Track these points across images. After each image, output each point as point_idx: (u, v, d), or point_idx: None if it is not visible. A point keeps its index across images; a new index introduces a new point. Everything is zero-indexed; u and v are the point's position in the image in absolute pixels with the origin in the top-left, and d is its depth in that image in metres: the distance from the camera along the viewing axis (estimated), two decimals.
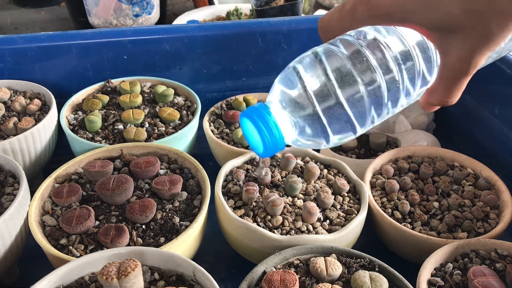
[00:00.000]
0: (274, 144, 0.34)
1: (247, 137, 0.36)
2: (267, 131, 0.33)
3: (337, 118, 0.33)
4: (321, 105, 0.32)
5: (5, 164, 0.49)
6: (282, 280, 0.36)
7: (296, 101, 0.33)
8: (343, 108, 0.32)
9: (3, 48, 0.64)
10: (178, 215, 0.45)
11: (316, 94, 0.32)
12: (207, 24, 0.71)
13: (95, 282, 0.36)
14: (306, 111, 0.33)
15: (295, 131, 0.34)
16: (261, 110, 0.34)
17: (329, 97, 0.32)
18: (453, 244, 0.44)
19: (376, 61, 0.32)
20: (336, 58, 0.32)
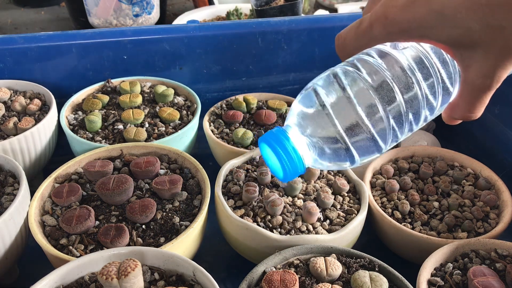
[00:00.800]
0: (294, 169, 0.34)
1: (266, 162, 0.36)
2: (286, 157, 0.33)
3: (361, 138, 0.32)
4: (343, 126, 0.32)
5: (5, 164, 0.49)
6: (282, 280, 0.36)
7: (317, 124, 0.32)
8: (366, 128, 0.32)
9: (3, 48, 0.64)
10: (178, 215, 0.45)
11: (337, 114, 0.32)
12: (207, 24, 0.71)
13: (95, 282, 0.36)
14: (329, 133, 0.32)
15: (315, 154, 0.33)
16: (279, 136, 0.34)
17: (350, 117, 0.32)
18: (453, 244, 0.44)
19: (395, 79, 0.32)
20: (354, 79, 0.32)
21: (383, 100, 0.32)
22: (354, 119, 0.32)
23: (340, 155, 0.33)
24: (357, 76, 0.32)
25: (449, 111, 0.34)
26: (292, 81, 0.77)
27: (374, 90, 0.32)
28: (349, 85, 0.32)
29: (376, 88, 0.32)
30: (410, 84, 0.32)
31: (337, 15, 0.75)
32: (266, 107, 0.65)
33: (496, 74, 0.30)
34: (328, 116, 0.32)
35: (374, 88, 0.32)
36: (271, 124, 0.62)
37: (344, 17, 0.73)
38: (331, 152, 0.33)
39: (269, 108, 0.65)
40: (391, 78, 0.32)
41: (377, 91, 0.32)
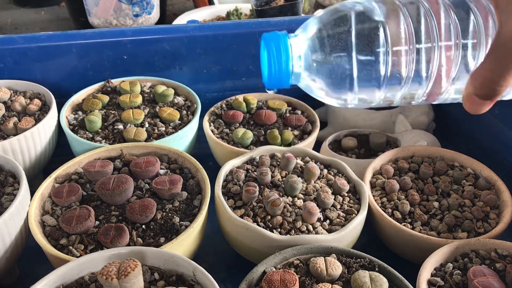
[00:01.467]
0: (279, 71, 0.33)
1: (261, 62, 0.35)
2: (276, 56, 0.32)
3: (368, 69, 0.30)
4: (359, 51, 0.30)
5: (5, 164, 0.49)
6: (282, 280, 0.36)
7: (333, 39, 0.31)
8: (380, 59, 0.30)
9: (3, 48, 0.64)
10: (178, 215, 0.45)
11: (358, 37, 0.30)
12: (207, 24, 0.71)
13: (95, 282, 0.36)
14: (341, 52, 0.31)
15: (311, 72, 0.32)
16: (279, 36, 0.33)
17: (373, 46, 0.30)
18: (453, 244, 0.44)
19: (425, 24, 0.30)
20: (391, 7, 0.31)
21: (409, 37, 0.30)
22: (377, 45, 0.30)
23: (340, 79, 0.32)
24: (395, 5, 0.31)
25: (471, 82, 0.29)
26: None
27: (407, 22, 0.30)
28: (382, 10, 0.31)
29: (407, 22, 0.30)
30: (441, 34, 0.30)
31: None
32: (266, 107, 0.65)
33: None
34: (350, 34, 0.31)
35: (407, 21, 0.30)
36: (271, 124, 0.62)
37: None
38: (332, 72, 0.32)
39: (269, 108, 0.65)
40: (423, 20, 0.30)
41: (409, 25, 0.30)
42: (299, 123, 0.62)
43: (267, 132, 0.60)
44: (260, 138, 0.60)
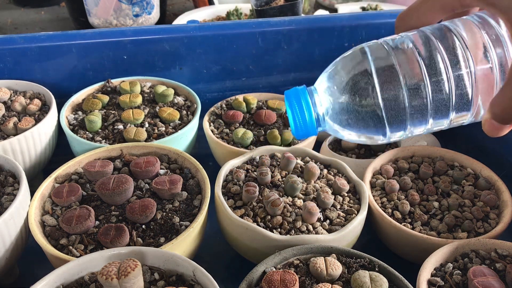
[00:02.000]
0: (305, 127, 0.35)
1: (288, 115, 0.37)
2: (299, 113, 0.34)
3: (396, 113, 0.32)
4: (384, 96, 0.31)
5: (5, 164, 0.49)
6: (282, 280, 0.36)
7: (357, 88, 0.32)
8: (405, 102, 0.31)
9: (3, 48, 0.64)
10: (178, 215, 0.45)
11: (381, 84, 0.31)
12: (207, 24, 0.71)
13: (95, 282, 0.36)
14: (367, 100, 0.32)
15: (338, 120, 0.34)
16: (299, 92, 0.35)
17: (394, 90, 0.31)
18: (453, 244, 0.44)
19: (444, 62, 0.31)
20: (403, 49, 0.31)
21: (429, 78, 0.31)
22: (398, 90, 0.31)
23: (371, 124, 0.33)
24: (406, 48, 0.32)
25: (490, 108, 0.30)
26: (292, 81, 0.77)
27: (424, 65, 0.31)
28: (396, 54, 0.32)
29: (428, 65, 0.31)
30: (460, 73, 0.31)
31: (337, 15, 0.75)
32: (266, 107, 0.65)
33: None
34: (370, 82, 0.32)
35: (424, 64, 0.31)
36: (271, 124, 0.62)
37: (344, 17, 0.73)
38: (361, 120, 0.33)
39: (269, 108, 0.65)
40: (440, 58, 0.31)
41: (428, 68, 0.31)
42: None
43: (267, 132, 0.60)
44: (260, 138, 0.60)
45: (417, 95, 0.31)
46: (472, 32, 0.31)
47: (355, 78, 0.33)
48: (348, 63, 0.34)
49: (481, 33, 0.31)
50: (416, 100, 0.31)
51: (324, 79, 0.35)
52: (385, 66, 0.32)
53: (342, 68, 0.34)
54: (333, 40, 0.74)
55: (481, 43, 0.31)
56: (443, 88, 0.31)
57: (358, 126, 0.34)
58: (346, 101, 0.33)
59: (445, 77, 0.31)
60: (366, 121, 0.33)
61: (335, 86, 0.34)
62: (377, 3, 1.22)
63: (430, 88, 0.31)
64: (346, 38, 0.74)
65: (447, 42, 0.31)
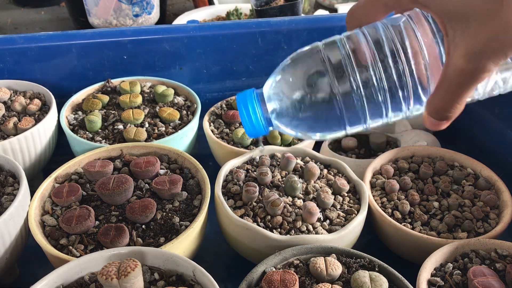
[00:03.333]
0: (252, 126, 0.37)
1: (240, 117, 0.39)
2: (246, 115, 0.37)
3: (351, 105, 0.33)
4: (341, 89, 0.33)
5: (5, 164, 0.49)
6: (282, 280, 0.36)
7: (310, 82, 0.34)
8: (358, 96, 0.33)
9: (3, 48, 0.64)
10: (178, 215, 0.45)
11: (335, 77, 0.33)
12: (207, 24, 0.71)
13: (95, 282, 0.36)
14: (322, 94, 0.33)
15: (291, 115, 0.35)
16: (246, 96, 0.37)
17: (345, 82, 0.33)
18: (453, 244, 0.44)
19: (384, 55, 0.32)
20: (355, 44, 0.33)
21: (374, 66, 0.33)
22: (347, 82, 0.33)
23: (327, 118, 0.34)
24: (356, 40, 0.33)
25: (427, 107, 0.32)
26: None
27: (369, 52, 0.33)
28: (347, 47, 0.34)
29: (376, 54, 0.33)
30: (396, 64, 0.33)
31: (337, 15, 0.75)
32: None
33: (482, 59, 0.27)
34: (323, 76, 0.33)
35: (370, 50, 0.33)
36: None
37: (344, 17, 0.73)
38: (316, 114, 0.34)
39: None
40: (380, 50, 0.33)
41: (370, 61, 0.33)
42: None
43: None
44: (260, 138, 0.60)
45: (371, 85, 0.33)
46: (410, 31, 0.33)
47: (308, 72, 0.34)
48: (302, 58, 0.35)
49: (415, 31, 0.33)
50: (371, 90, 0.33)
51: (275, 79, 0.37)
52: (336, 58, 0.33)
53: (293, 66, 0.36)
54: None
55: (417, 38, 0.33)
56: (396, 77, 0.33)
57: (310, 121, 0.35)
58: (298, 97, 0.34)
59: (395, 67, 0.32)
60: (322, 115, 0.34)
61: (287, 84, 0.35)
62: None
63: (382, 75, 0.33)
64: None
65: (396, 36, 0.33)
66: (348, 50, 0.33)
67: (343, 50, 0.33)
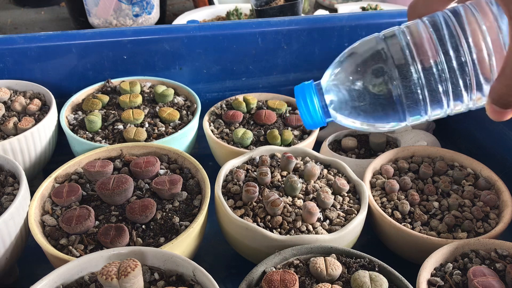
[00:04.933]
0: (311, 119, 0.37)
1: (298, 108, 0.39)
2: (305, 108, 0.37)
3: (412, 95, 0.33)
4: (402, 80, 0.33)
5: (5, 164, 0.49)
6: (282, 280, 0.36)
7: (372, 72, 0.33)
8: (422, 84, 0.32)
9: (3, 48, 0.64)
10: (178, 215, 0.45)
11: (397, 67, 0.32)
12: (207, 24, 0.71)
13: (95, 282, 0.36)
14: (383, 85, 0.33)
15: (351, 107, 0.35)
16: (305, 88, 0.37)
17: (410, 71, 0.32)
18: (453, 244, 0.44)
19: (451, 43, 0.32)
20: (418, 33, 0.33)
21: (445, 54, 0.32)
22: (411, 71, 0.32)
23: (388, 108, 0.34)
24: (419, 30, 0.33)
25: (490, 94, 0.31)
26: (292, 81, 0.77)
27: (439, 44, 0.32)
28: (408, 37, 0.33)
29: (440, 44, 0.32)
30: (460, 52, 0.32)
31: (337, 15, 0.75)
32: (266, 107, 0.65)
33: None
34: (385, 66, 0.33)
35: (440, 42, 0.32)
36: (271, 124, 0.62)
37: (344, 17, 0.73)
38: (376, 105, 0.34)
39: (269, 108, 0.65)
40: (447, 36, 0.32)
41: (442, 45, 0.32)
42: (299, 123, 0.62)
43: (267, 132, 0.60)
44: (260, 138, 0.60)
45: (432, 75, 0.32)
46: (471, 18, 0.33)
47: (368, 63, 0.34)
48: (361, 50, 0.35)
49: (477, 18, 0.32)
50: (432, 80, 0.32)
51: (334, 70, 0.36)
52: (396, 49, 0.33)
53: (352, 57, 0.35)
54: (333, 40, 0.74)
55: (480, 27, 0.32)
56: (457, 66, 0.32)
57: (370, 113, 0.35)
58: (358, 88, 0.34)
59: (457, 56, 0.32)
60: (382, 106, 0.34)
61: (346, 75, 0.35)
62: (377, 3, 1.22)
63: (445, 65, 0.32)
64: (346, 38, 0.74)
65: (457, 24, 0.32)
66: (408, 40, 0.33)
67: (403, 40, 0.33)
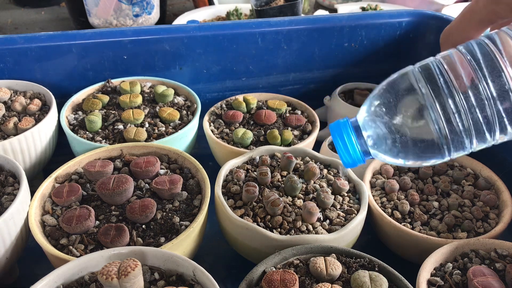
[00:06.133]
0: (351, 159, 0.36)
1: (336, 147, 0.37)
2: (343, 148, 0.36)
3: (454, 129, 0.32)
4: (442, 113, 0.31)
5: (5, 164, 0.50)
6: (282, 280, 0.36)
7: (412, 109, 0.32)
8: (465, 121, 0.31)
9: (3, 48, 0.64)
10: (178, 215, 0.45)
11: (439, 102, 0.31)
12: (207, 24, 0.71)
13: (95, 282, 0.36)
14: (421, 119, 0.32)
15: (390, 146, 0.34)
16: (341, 127, 0.36)
17: (453, 105, 0.31)
18: (452, 244, 0.44)
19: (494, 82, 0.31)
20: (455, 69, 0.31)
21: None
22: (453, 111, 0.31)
23: (432, 148, 0.33)
24: (456, 61, 0.31)
25: None
26: (292, 81, 0.77)
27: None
28: (448, 69, 0.32)
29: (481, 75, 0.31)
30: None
31: (337, 15, 0.75)
32: (266, 107, 0.65)
33: None
34: (430, 108, 0.31)
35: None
36: (271, 124, 0.62)
37: (344, 17, 0.73)
38: (421, 145, 0.33)
39: (269, 108, 0.65)
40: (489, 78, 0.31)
41: None
42: (299, 123, 0.63)
43: (267, 132, 0.60)
44: (260, 138, 0.60)
45: (473, 106, 0.31)
46: (508, 44, 0.31)
47: (403, 99, 0.33)
48: (395, 86, 0.34)
49: None
50: (473, 111, 0.31)
51: (370, 106, 0.35)
52: (433, 81, 0.32)
53: (388, 91, 0.34)
54: (333, 40, 0.74)
55: None
56: (498, 95, 0.31)
57: (410, 148, 0.33)
58: (396, 124, 0.33)
59: (497, 84, 0.31)
60: (421, 141, 0.33)
61: (382, 111, 0.34)
62: (377, 3, 1.22)
63: (491, 97, 0.31)
64: (346, 38, 0.74)
65: (496, 51, 0.31)
66: (444, 72, 0.32)
67: (439, 72, 0.32)
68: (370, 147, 0.35)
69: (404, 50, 0.78)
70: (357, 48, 0.76)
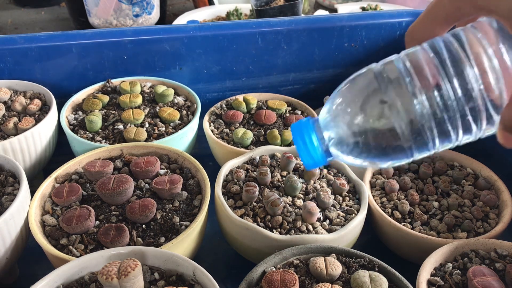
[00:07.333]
0: (311, 159, 0.35)
1: (296, 148, 0.37)
2: (304, 148, 0.34)
3: (416, 128, 0.31)
4: (405, 113, 0.30)
5: (5, 164, 0.50)
6: (282, 280, 0.36)
7: (373, 107, 0.31)
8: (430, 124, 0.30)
9: (3, 48, 0.64)
10: (178, 215, 0.45)
11: (400, 100, 0.30)
12: (207, 24, 0.71)
13: (95, 282, 0.36)
14: (383, 119, 0.31)
15: (351, 147, 0.33)
16: (303, 127, 0.35)
17: (414, 103, 0.30)
18: (452, 244, 0.44)
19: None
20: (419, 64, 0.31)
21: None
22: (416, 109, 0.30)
23: (385, 147, 0.32)
24: (420, 58, 0.31)
25: (500, 120, 0.30)
26: (292, 81, 0.77)
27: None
28: (411, 66, 0.31)
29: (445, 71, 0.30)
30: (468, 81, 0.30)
31: (337, 15, 0.75)
32: (266, 107, 0.65)
33: None
34: (390, 107, 0.31)
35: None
36: (271, 124, 0.62)
37: (344, 17, 0.73)
38: (375, 142, 0.32)
39: (269, 108, 0.65)
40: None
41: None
42: None
43: (267, 132, 0.60)
44: (260, 138, 0.60)
45: (436, 105, 0.30)
46: (473, 40, 0.30)
47: (365, 98, 0.32)
48: (357, 84, 0.33)
49: (481, 41, 0.31)
50: (437, 110, 0.30)
51: (331, 105, 0.34)
52: (396, 79, 0.31)
53: (349, 90, 0.33)
54: (332, 40, 0.74)
55: (485, 50, 0.30)
56: (462, 93, 0.30)
57: (372, 149, 0.33)
58: (358, 123, 0.32)
59: (461, 82, 0.30)
60: (385, 142, 0.32)
61: (343, 110, 0.33)
62: (377, 3, 1.22)
63: (450, 93, 0.30)
64: (345, 38, 0.74)
65: (460, 48, 0.30)
66: (408, 70, 0.31)
67: (403, 70, 0.31)
68: (331, 148, 0.35)
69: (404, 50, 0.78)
70: (357, 48, 0.76)
